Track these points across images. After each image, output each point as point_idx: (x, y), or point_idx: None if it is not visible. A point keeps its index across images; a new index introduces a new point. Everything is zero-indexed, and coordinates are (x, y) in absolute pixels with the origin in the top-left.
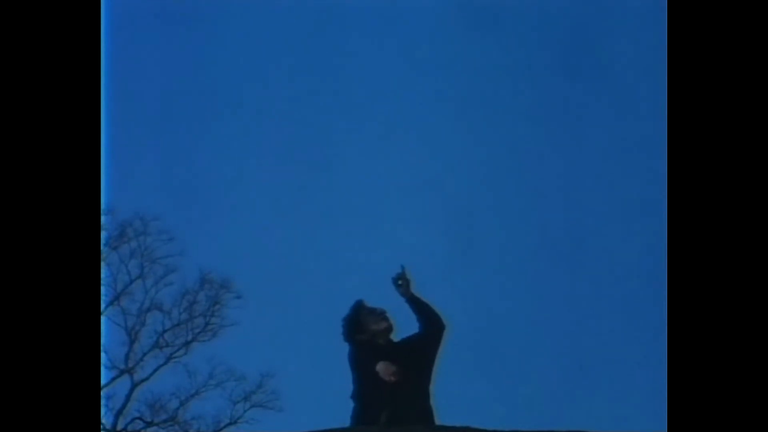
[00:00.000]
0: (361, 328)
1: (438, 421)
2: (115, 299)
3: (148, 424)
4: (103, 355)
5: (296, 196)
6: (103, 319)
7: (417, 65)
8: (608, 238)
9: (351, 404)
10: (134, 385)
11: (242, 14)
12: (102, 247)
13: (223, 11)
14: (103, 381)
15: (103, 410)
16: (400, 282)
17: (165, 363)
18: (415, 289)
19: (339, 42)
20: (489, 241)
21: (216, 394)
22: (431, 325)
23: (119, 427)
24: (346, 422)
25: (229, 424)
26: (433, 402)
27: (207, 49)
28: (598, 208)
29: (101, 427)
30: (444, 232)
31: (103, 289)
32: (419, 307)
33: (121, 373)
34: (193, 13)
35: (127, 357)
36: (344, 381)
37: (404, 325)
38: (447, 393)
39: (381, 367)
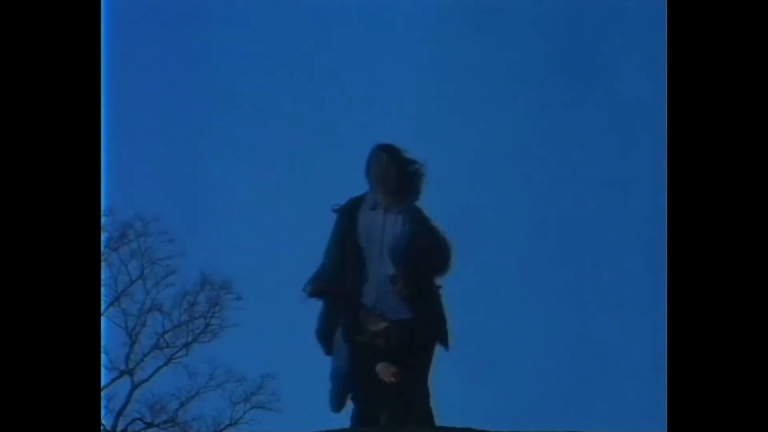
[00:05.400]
0: (360, 329)
1: (438, 422)
2: (116, 300)
3: (149, 425)
4: (103, 356)
5: (296, 198)
6: (103, 320)
7: (416, 66)
8: (608, 238)
9: (351, 405)
10: (134, 386)
11: (242, 15)
12: (102, 248)
13: (223, 12)
14: (103, 382)
15: (103, 411)
16: (396, 281)
17: (165, 364)
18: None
19: (339, 43)
20: (487, 240)
21: (216, 395)
22: (428, 324)
23: (119, 428)
24: (346, 423)
25: (230, 425)
26: (432, 402)
27: (207, 49)
28: (597, 208)
29: (101, 427)
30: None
31: (103, 290)
32: (415, 306)
33: (122, 374)
34: (193, 13)
35: (127, 358)
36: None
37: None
38: (447, 393)
39: (381, 368)
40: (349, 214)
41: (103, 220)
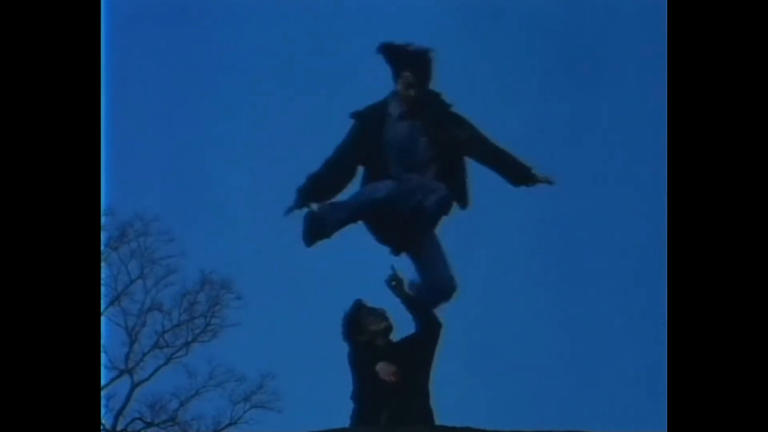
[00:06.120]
0: (361, 328)
1: (438, 421)
2: (116, 299)
3: (148, 425)
4: (103, 355)
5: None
6: (103, 319)
7: None
8: (608, 237)
9: (351, 405)
10: (134, 386)
11: (242, 15)
12: (102, 248)
13: (223, 12)
14: (103, 381)
15: (103, 410)
16: (393, 283)
17: (165, 363)
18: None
19: (339, 43)
20: (487, 239)
21: (216, 394)
22: (427, 324)
23: (119, 427)
24: (346, 422)
25: (229, 424)
26: (432, 402)
27: (207, 49)
28: (597, 207)
29: (101, 427)
30: (440, 230)
31: (103, 289)
32: (414, 307)
33: (121, 373)
34: (193, 13)
35: (127, 357)
36: (344, 381)
37: (404, 325)
38: (447, 393)
39: (381, 368)
40: (370, 121)
41: (103, 219)
